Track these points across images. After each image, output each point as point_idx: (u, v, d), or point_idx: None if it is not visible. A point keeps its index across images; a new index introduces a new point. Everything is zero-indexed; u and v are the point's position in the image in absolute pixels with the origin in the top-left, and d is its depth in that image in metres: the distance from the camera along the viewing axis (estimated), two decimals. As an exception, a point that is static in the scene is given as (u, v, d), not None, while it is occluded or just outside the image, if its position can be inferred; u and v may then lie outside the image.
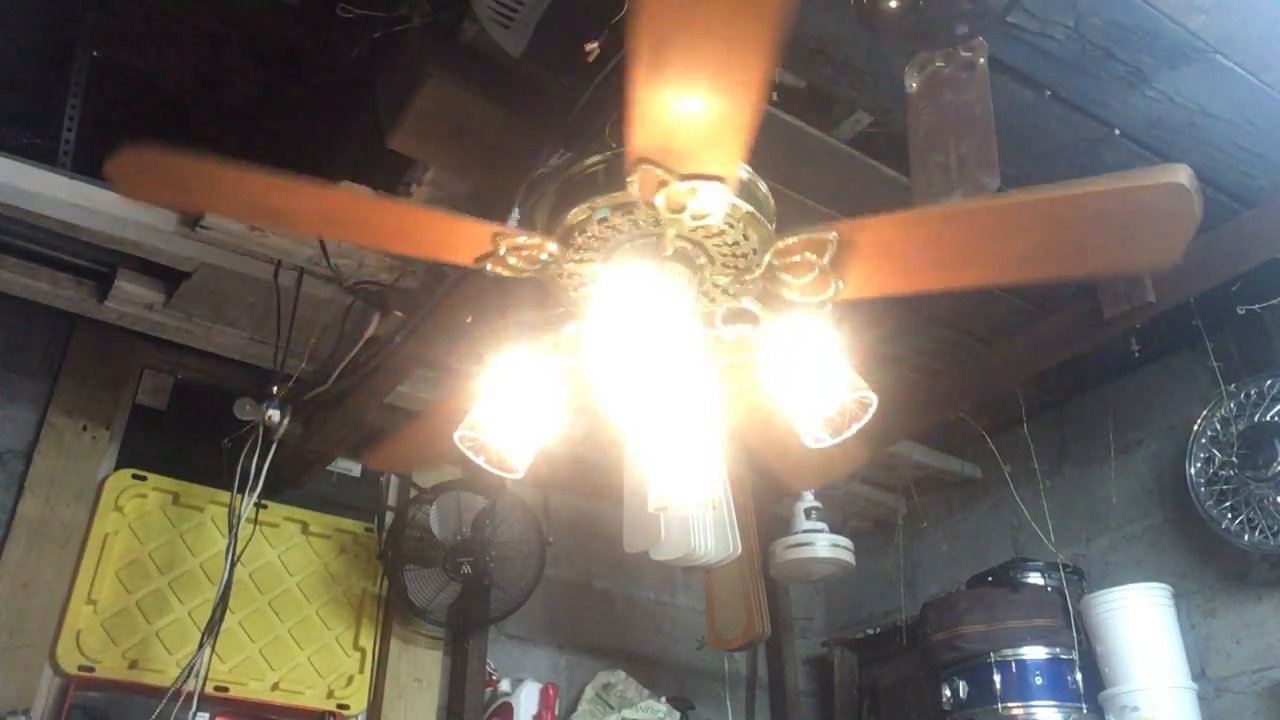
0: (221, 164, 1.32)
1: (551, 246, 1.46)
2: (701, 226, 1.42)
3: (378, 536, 3.07)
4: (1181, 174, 1.20)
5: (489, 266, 1.48)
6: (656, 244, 1.45)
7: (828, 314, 1.52)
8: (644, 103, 1.15)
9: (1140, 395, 3.14)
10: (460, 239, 1.47)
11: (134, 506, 2.78)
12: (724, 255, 1.48)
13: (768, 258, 1.42)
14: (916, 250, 1.34)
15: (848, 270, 1.37)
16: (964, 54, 1.70)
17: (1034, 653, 2.77)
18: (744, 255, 1.47)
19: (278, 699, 2.79)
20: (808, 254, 1.38)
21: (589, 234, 1.46)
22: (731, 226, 1.42)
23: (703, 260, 1.48)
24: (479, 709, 3.01)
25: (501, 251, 1.46)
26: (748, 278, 1.50)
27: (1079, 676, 2.75)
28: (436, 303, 2.34)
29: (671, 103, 1.15)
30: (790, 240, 1.39)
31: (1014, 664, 2.77)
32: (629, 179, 1.29)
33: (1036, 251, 1.38)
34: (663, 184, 1.28)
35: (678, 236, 1.44)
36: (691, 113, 1.16)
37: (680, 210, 1.33)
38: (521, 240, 1.45)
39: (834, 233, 1.34)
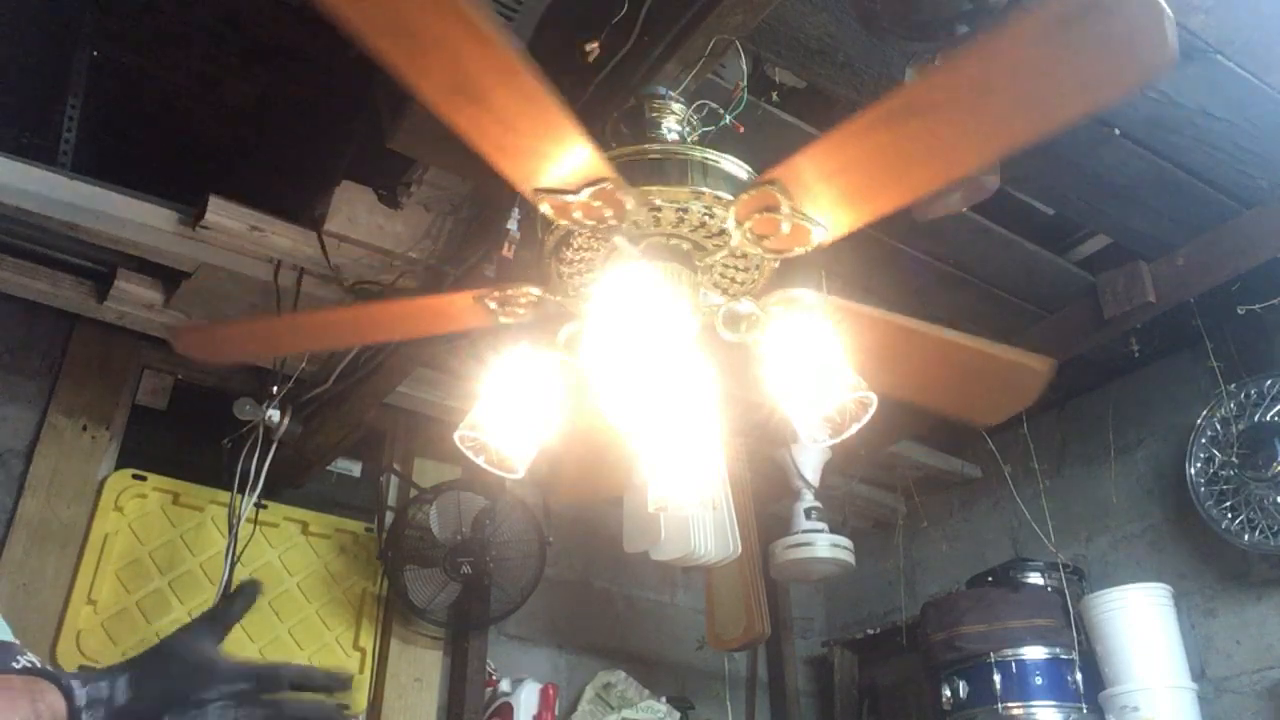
0: (260, 322, 1.45)
1: (534, 291, 1.51)
2: (663, 218, 1.44)
3: (378, 536, 3.07)
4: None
5: (501, 320, 1.57)
6: (673, 246, 1.46)
7: (827, 309, 1.52)
8: (492, 153, 1.23)
9: (1140, 395, 3.13)
10: (458, 312, 1.58)
11: (134, 506, 2.78)
12: (703, 240, 1.48)
13: (731, 223, 1.42)
14: (867, 162, 1.26)
15: (815, 208, 1.35)
16: (964, 54, 1.69)
17: (1034, 653, 2.77)
18: (744, 256, 1.47)
19: (278, 699, 2.79)
20: (768, 209, 1.36)
21: (573, 251, 1.47)
22: (686, 211, 1.43)
23: (687, 248, 1.49)
24: (479, 709, 3.01)
25: (492, 307, 1.54)
26: (734, 257, 1.50)
27: (1079, 676, 2.75)
28: (436, 303, 2.34)
29: (510, 145, 1.22)
30: (742, 196, 1.38)
31: (1014, 664, 2.77)
32: (543, 211, 1.35)
33: (995, 119, 1.21)
34: (566, 205, 1.34)
35: (647, 235, 1.45)
36: (528, 144, 1.22)
37: (601, 219, 1.37)
38: (506, 292, 1.52)
39: (773, 177, 1.32)
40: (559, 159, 1.26)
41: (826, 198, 1.31)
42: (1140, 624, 2.70)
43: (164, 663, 0.89)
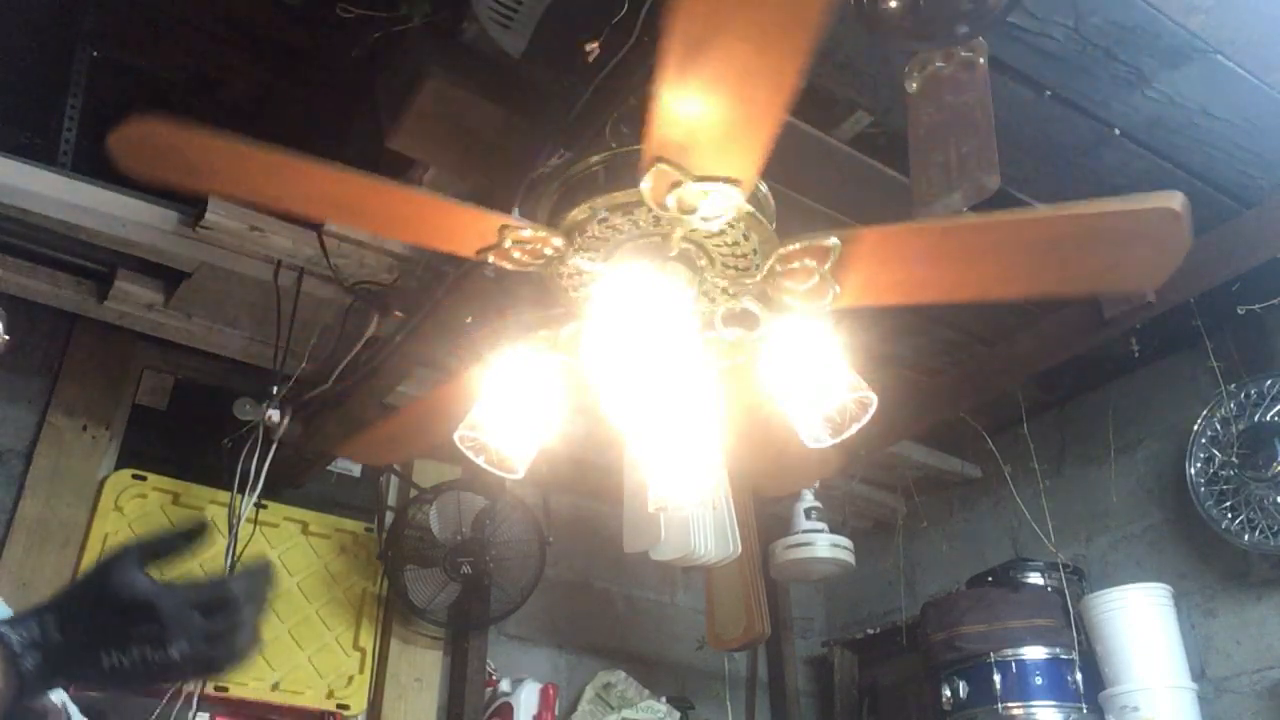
0: (228, 142, 1.31)
1: (557, 241, 1.46)
2: (721, 235, 1.43)
3: (378, 536, 3.07)
4: (1175, 200, 1.27)
5: (490, 259, 1.46)
6: (660, 244, 1.45)
7: (826, 316, 1.52)
8: (668, 100, 1.14)
9: (1140, 395, 3.13)
10: (466, 228, 1.45)
11: (134, 506, 2.78)
12: (724, 256, 1.48)
13: (770, 263, 1.43)
14: (915, 262, 1.35)
15: (846, 277, 1.38)
16: (964, 54, 1.70)
17: (1034, 653, 2.77)
18: (744, 256, 1.47)
19: (278, 699, 2.79)
20: (808, 260, 1.38)
21: (589, 234, 1.46)
22: (732, 227, 1.42)
23: (703, 262, 1.49)
24: (479, 709, 3.01)
25: (507, 244, 1.45)
26: (747, 280, 1.50)
27: (1079, 676, 2.74)
28: (436, 303, 2.34)
29: (698, 102, 1.14)
30: (793, 246, 1.39)
31: (1014, 664, 2.77)
32: (643, 177, 1.28)
33: (1031, 268, 1.41)
34: (676, 184, 1.28)
35: (685, 239, 1.44)
36: (717, 113, 1.16)
37: (691, 211, 1.33)
38: (527, 234, 1.44)
39: (835, 239, 1.33)
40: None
41: (865, 274, 1.36)
42: (1140, 624, 2.70)
43: (89, 598, 0.87)
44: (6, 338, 1.10)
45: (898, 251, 1.34)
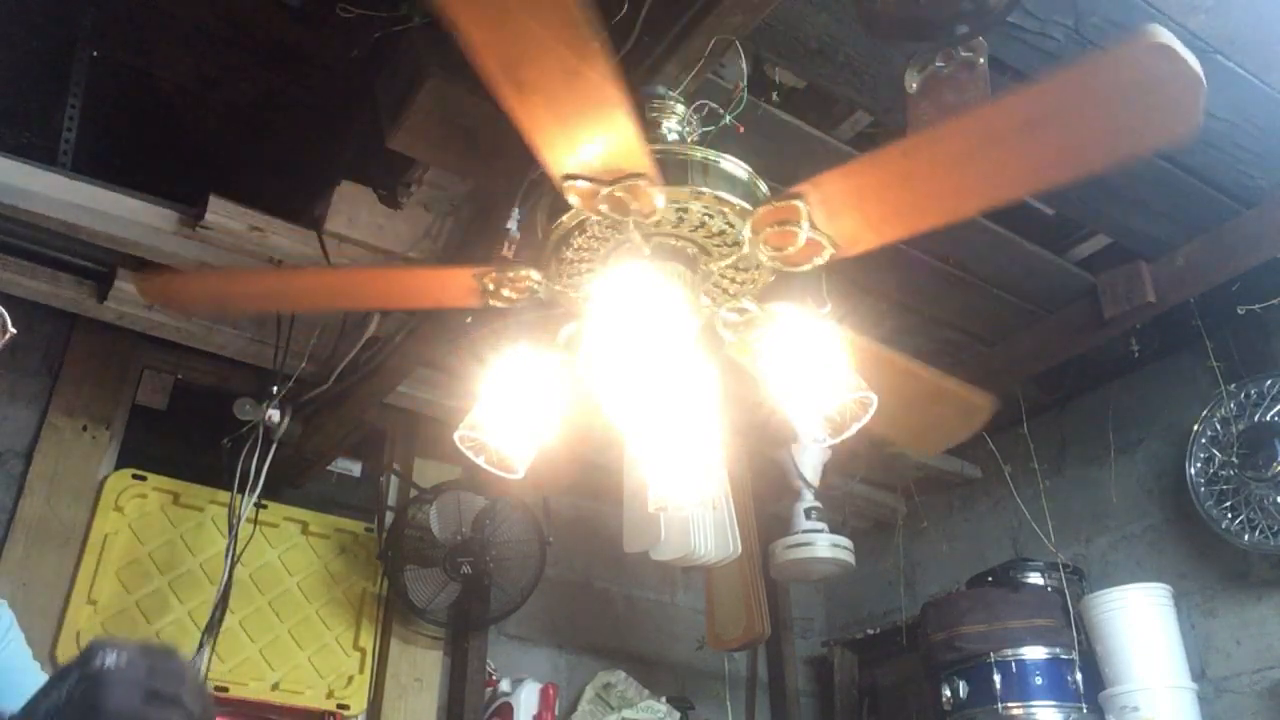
0: (231, 274, 1.44)
1: (535, 275, 1.50)
2: (682, 221, 1.43)
3: (378, 536, 3.07)
4: (1159, 34, 1.06)
5: (491, 303, 1.56)
6: (637, 246, 1.46)
7: (828, 311, 1.52)
8: (537, 130, 1.20)
9: (1140, 395, 3.13)
10: (450, 288, 1.57)
11: (134, 506, 2.78)
12: (714, 245, 1.48)
13: (746, 232, 1.42)
14: (895, 189, 1.28)
15: (834, 227, 1.35)
16: (964, 54, 1.70)
17: (1034, 653, 2.77)
18: (732, 241, 1.47)
19: (278, 699, 2.79)
20: (786, 223, 1.36)
21: (581, 241, 1.47)
22: (711, 216, 1.43)
23: (694, 251, 1.49)
24: (479, 709, 3.01)
25: (490, 288, 1.53)
26: (742, 263, 1.50)
27: (1079, 676, 2.74)
28: (436, 303, 2.34)
29: (560, 125, 1.20)
30: (764, 209, 1.38)
31: (1014, 664, 2.77)
32: (568, 198, 1.33)
33: (1026, 161, 1.25)
34: (595, 194, 1.32)
35: (659, 235, 1.45)
36: (577, 129, 1.20)
37: (626, 212, 1.34)
38: (506, 274, 1.51)
39: (800, 192, 1.32)
40: (601, 144, 1.24)
41: (848, 218, 1.32)
42: (1140, 624, 2.70)
43: None
44: (13, 331, 1.10)
45: (872, 184, 1.29)
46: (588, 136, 1.22)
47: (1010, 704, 2.73)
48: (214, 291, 1.91)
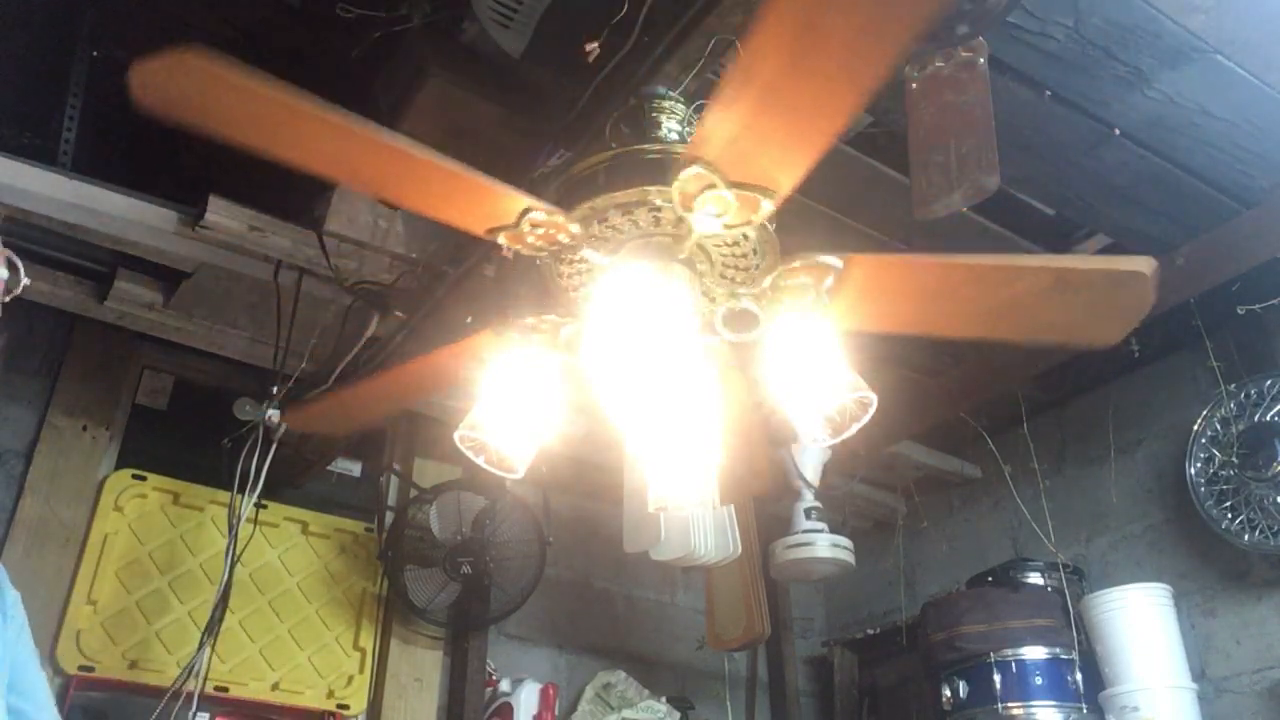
0: (259, 87, 1.29)
1: (574, 227, 1.43)
2: (734, 245, 1.43)
3: (378, 536, 3.07)
4: (1147, 265, 1.35)
5: (501, 239, 1.43)
6: (667, 245, 1.45)
7: (826, 310, 1.52)
8: (726, 102, 1.15)
9: (1140, 395, 3.13)
10: (486, 204, 1.40)
11: (134, 506, 2.78)
12: (725, 259, 1.48)
13: (771, 278, 1.43)
14: (904, 294, 1.36)
15: (839, 299, 1.38)
16: (964, 54, 1.70)
17: (1034, 653, 2.77)
18: (744, 259, 1.47)
19: (278, 699, 2.79)
20: (806, 277, 1.38)
21: (615, 221, 1.45)
22: (746, 238, 1.43)
23: (704, 265, 1.49)
24: (479, 709, 3.01)
25: (523, 227, 1.41)
26: (744, 289, 1.50)
27: (1079, 676, 2.74)
28: (436, 303, 2.34)
29: (756, 109, 1.15)
30: (796, 264, 1.39)
31: (1014, 664, 2.77)
32: (678, 177, 1.29)
33: (1010, 312, 1.48)
34: (710, 187, 1.28)
35: (664, 235, 1.45)
36: (771, 123, 1.17)
37: (718, 215, 1.34)
38: (544, 217, 1.40)
39: (837, 261, 1.34)
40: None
41: (856, 301, 1.37)
42: (1140, 624, 2.70)
43: None
44: (27, 281, 1.08)
45: (891, 281, 1.36)
46: (784, 132, 1.20)
47: (1010, 704, 2.73)
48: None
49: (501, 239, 1.41)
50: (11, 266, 0.99)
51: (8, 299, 0.99)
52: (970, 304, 1.35)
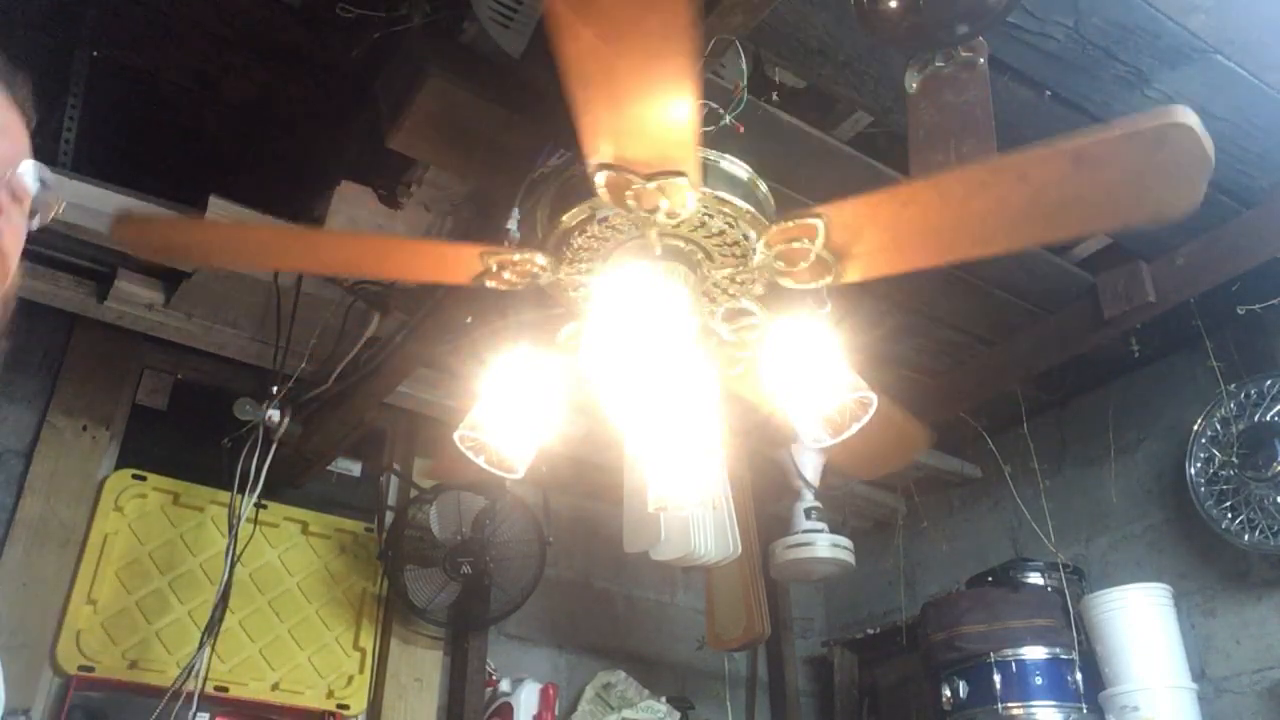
0: (215, 225, 1.38)
1: (541, 260, 1.49)
2: (702, 225, 1.42)
3: (378, 536, 3.07)
4: (1185, 115, 1.10)
5: (487, 283, 1.51)
6: (646, 244, 1.45)
7: (828, 311, 1.52)
8: (590, 111, 1.16)
9: (1140, 395, 3.13)
10: (451, 263, 1.52)
11: (134, 506, 2.78)
12: (722, 252, 1.48)
13: (760, 246, 1.42)
14: (911, 226, 1.29)
15: (844, 253, 1.36)
16: (964, 54, 1.70)
17: (1034, 653, 2.77)
18: (743, 253, 1.47)
19: (278, 699, 2.79)
20: (801, 240, 1.37)
21: (587, 235, 1.46)
22: (731, 226, 1.42)
23: (700, 257, 1.49)
24: (479, 709, 3.01)
25: (494, 269, 1.50)
26: (743, 272, 1.50)
27: (1079, 676, 2.74)
28: (436, 303, 2.35)
29: (615, 109, 1.16)
30: (782, 225, 1.38)
31: (1014, 664, 2.77)
32: (597, 186, 1.30)
33: (1037, 213, 1.28)
34: (628, 186, 1.28)
35: (670, 236, 1.45)
36: (636, 115, 1.16)
37: (654, 210, 1.33)
38: (512, 256, 1.47)
39: (822, 215, 1.32)
40: (655, 135, 1.20)
41: (863, 246, 1.33)
42: (1140, 624, 2.70)
43: None
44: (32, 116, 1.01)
45: (889, 217, 1.30)
46: (645, 124, 1.17)
47: (1010, 704, 2.73)
48: (199, 241, 1.76)
49: (489, 283, 1.50)
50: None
51: (36, 223, 0.92)
52: (984, 217, 1.23)
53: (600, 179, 1.28)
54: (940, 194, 1.22)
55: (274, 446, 2.52)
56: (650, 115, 1.16)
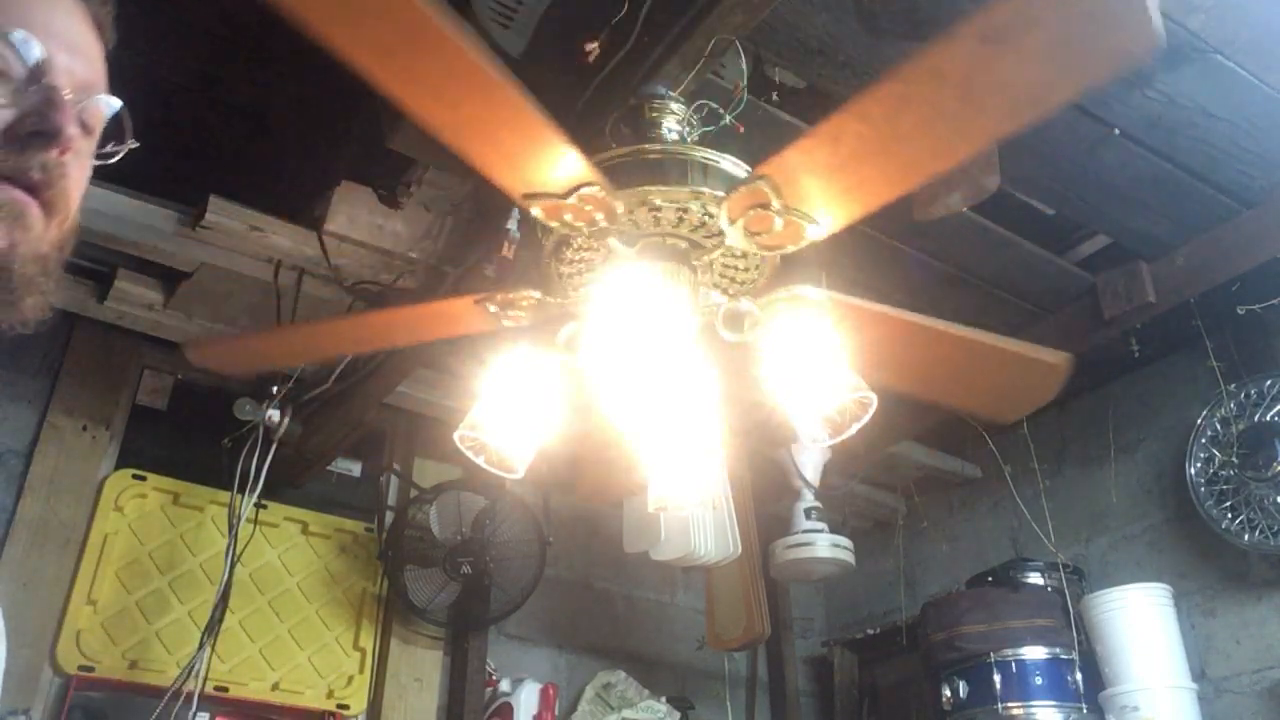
0: (269, 334, 1.43)
1: (534, 294, 1.51)
2: (662, 219, 1.44)
3: (378, 536, 3.07)
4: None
5: (504, 324, 1.57)
6: (684, 249, 1.47)
7: (829, 313, 1.52)
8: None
9: (1140, 395, 3.13)
10: (462, 318, 1.58)
11: (134, 506, 2.78)
12: (699, 238, 1.48)
13: (724, 221, 1.41)
14: (853, 157, 1.27)
15: (808, 204, 1.34)
16: (964, 54, 1.69)
17: (1034, 653, 2.77)
18: (715, 232, 1.46)
19: (278, 699, 2.79)
20: (758, 206, 1.35)
21: (569, 255, 1.47)
22: (686, 211, 1.43)
23: (685, 246, 1.49)
24: (479, 709, 3.01)
25: (493, 311, 1.54)
26: (729, 256, 1.50)
27: (1079, 676, 2.74)
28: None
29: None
30: (732, 194, 1.36)
31: (1014, 664, 2.77)
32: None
33: (976, 105, 1.20)
34: (556, 209, 1.34)
35: (646, 236, 1.45)
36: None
37: (592, 221, 1.36)
38: (507, 296, 1.51)
39: (761, 174, 1.31)
40: (543, 165, 1.26)
41: (818, 192, 1.30)
42: (1140, 624, 2.70)
43: None
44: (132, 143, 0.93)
45: (826, 157, 1.26)
46: (522, 156, 1.23)
47: (1010, 704, 2.73)
48: (250, 351, 2.02)
49: (536, 209, 1.36)
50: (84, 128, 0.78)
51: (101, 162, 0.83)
52: (922, 128, 1.20)
53: (536, 212, 1.34)
54: (863, 117, 1.19)
55: (274, 446, 2.53)
56: (522, 147, 1.22)
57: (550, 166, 1.27)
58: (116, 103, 0.80)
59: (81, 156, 0.77)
